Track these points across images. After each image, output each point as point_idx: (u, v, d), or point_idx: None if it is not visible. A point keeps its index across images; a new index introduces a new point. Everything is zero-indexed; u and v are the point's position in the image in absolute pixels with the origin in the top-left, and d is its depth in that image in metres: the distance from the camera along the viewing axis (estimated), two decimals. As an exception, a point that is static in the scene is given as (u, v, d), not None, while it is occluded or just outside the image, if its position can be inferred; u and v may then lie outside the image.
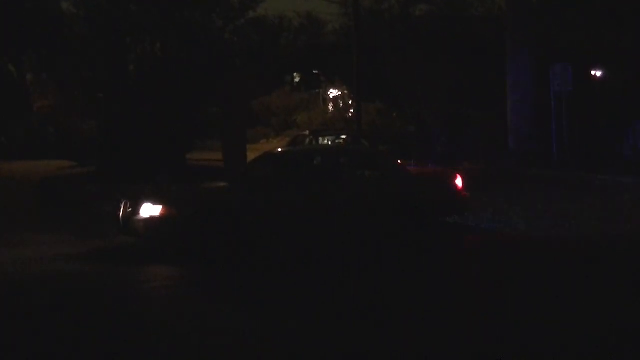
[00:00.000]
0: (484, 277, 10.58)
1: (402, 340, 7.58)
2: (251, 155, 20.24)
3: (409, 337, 7.65)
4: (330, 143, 26.89)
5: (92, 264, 12.40)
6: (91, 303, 9.75)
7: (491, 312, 8.53)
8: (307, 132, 29.59)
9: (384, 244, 12.96)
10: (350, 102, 39.86)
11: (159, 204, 12.68)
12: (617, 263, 11.26)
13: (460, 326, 7.98)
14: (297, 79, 41.51)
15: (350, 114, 39.26)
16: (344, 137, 27.83)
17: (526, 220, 15.05)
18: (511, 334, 7.67)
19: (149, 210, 12.67)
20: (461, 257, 12.33)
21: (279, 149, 17.97)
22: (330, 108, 43.57)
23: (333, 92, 43.46)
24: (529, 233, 13.93)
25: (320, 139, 27.40)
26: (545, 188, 20.46)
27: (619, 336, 7.52)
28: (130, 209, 12.97)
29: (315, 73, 40.80)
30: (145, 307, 9.50)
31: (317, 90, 42.76)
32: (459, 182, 14.33)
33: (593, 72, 31.01)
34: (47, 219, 17.51)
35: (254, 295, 9.83)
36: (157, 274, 11.71)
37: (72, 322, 8.77)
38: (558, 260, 11.63)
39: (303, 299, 9.51)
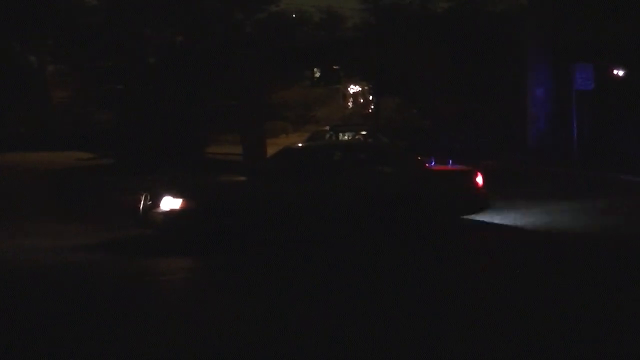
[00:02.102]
0: (504, 275, 10.47)
1: (414, 336, 7.53)
2: (271, 150, 20.24)
3: (420, 334, 7.60)
4: (349, 138, 26.84)
5: (109, 254, 12.45)
6: (106, 293, 9.75)
7: (510, 312, 8.45)
8: (326, 128, 29.55)
9: (402, 241, 12.90)
10: (370, 98, 39.84)
11: (179, 197, 12.66)
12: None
13: (467, 325, 7.91)
14: (317, 74, 41.47)
15: (370, 110, 39.23)
16: (363, 132, 27.78)
17: (548, 218, 14.95)
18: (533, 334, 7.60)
19: (169, 203, 12.66)
20: (480, 255, 12.23)
21: (299, 144, 17.93)
22: (350, 104, 43.54)
23: (353, 88, 43.43)
24: (551, 231, 13.83)
25: (340, 134, 27.37)
26: (567, 186, 20.34)
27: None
28: (150, 202, 12.98)
29: (335, 68, 40.76)
30: (160, 299, 9.49)
31: (336, 86, 42.74)
32: (479, 179, 14.24)
33: (615, 71, 30.81)
34: (65, 210, 17.54)
35: (271, 289, 9.78)
36: (175, 267, 11.71)
37: (86, 312, 8.77)
38: (578, 257, 11.52)
39: (319, 293, 9.47)
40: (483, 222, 14.59)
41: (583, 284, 9.65)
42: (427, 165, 14.48)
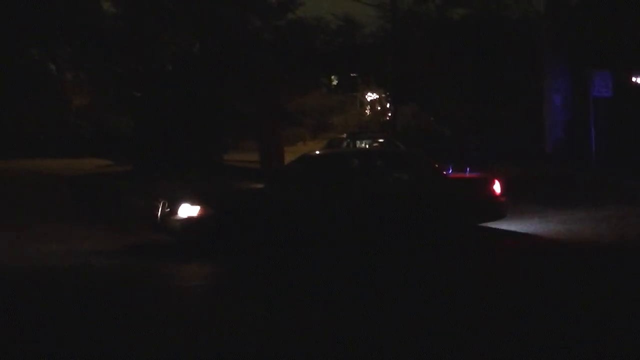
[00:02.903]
0: (523, 283, 10.43)
1: (429, 340, 7.53)
2: (288, 157, 20.26)
3: (437, 339, 7.59)
4: (367, 146, 26.86)
5: (126, 260, 12.52)
6: (119, 298, 9.80)
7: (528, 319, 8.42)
8: (344, 135, 29.59)
9: (419, 248, 12.89)
10: (388, 105, 39.83)
11: (197, 205, 12.72)
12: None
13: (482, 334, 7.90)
14: (334, 82, 41.49)
15: (387, 117, 39.20)
16: (381, 140, 27.79)
17: (567, 226, 14.90)
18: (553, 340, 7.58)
19: (187, 210, 12.72)
20: (496, 262, 12.19)
21: (317, 151, 17.98)
22: (367, 111, 43.58)
23: (370, 95, 43.46)
24: (572, 238, 13.78)
25: (358, 141, 27.40)
26: (585, 194, 20.26)
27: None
28: (168, 209, 13.03)
29: (353, 76, 40.77)
30: (175, 304, 9.50)
31: (354, 93, 42.77)
32: (497, 187, 14.24)
33: (634, 78, 30.69)
34: (83, 215, 17.64)
35: (289, 296, 9.79)
36: (192, 273, 11.75)
37: (99, 316, 8.83)
38: (599, 265, 11.47)
39: (335, 299, 9.47)
40: (500, 229, 14.56)
41: (598, 292, 9.62)
42: (444, 172, 14.49)
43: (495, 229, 14.54)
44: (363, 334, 7.88)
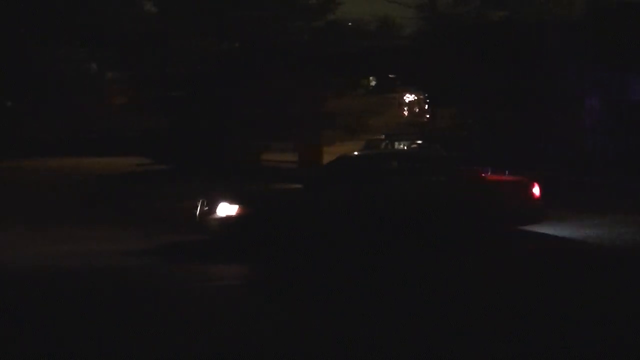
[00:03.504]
0: (560, 288, 10.36)
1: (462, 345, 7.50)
2: (326, 157, 20.27)
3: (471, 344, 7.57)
4: (405, 147, 26.83)
5: (164, 259, 12.57)
6: (151, 298, 9.87)
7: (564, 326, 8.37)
8: (382, 136, 29.57)
9: (456, 251, 12.83)
10: (426, 107, 39.74)
11: (236, 204, 12.77)
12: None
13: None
14: (372, 83, 41.42)
15: (425, 119, 39.12)
16: (419, 141, 27.75)
17: (604, 230, 14.76)
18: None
19: (225, 209, 12.78)
20: (535, 267, 12.11)
21: (355, 153, 17.98)
22: (405, 112, 43.50)
23: (408, 97, 43.40)
24: (612, 244, 13.65)
25: (396, 143, 27.38)
26: (622, 198, 20.06)
27: None
28: (206, 208, 13.11)
29: (391, 77, 40.69)
30: (204, 305, 9.51)
31: (392, 95, 42.68)
32: (535, 190, 14.14)
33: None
34: (121, 214, 17.76)
35: (324, 297, 9.80)
36: (229, 273, 11.78)
37: (128, 315, 8.91)
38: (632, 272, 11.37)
39: (370, 300, 9.46)
40: (539, 233, 14.46)
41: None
42: (483, 175, 14.42)
43: (534, 232, 14.44)
44: (407, 336, 7.88)
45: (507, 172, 14.79)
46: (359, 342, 7.71)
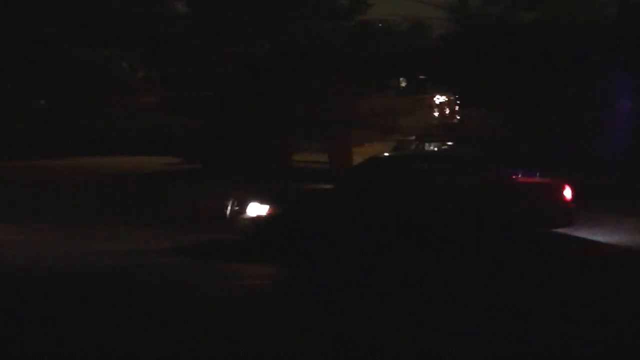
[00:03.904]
0: (585, 291, 10.29)
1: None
2: (357, 158, 20.24)
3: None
4: (435, 149, 26.76)
5: (194, 258, 12.66)
6: (179, 296, 9.92)
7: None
8: (412, 137, 29.51)
9: (486, 252, 12.80)
10: (456, 108, 39.59)
11: (266, 204, 12.81)
12: None
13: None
14: (402, 84, 41.34)
15: (456, 120, 38.97)
16: (450, 143, 27.66)
17: (636, 235, 14.67)
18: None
19: (256, 209, 12.82)
20: (563, 269, 12.03)
21: (385, 153, 17.99)
22: (435, 113, 43.33)
23: (439, 98, 43.25)
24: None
25: (426, 144, 27.31)
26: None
27: None
28: (237, 207, 13.16)
29: (421, 78, 40.59)
30: (230, 305, 9.54)
31: (422, 96, 42.57)
32: (567, 192, 14.07)
33: None
34: (151, 213, 17.86)
35: (350, 299, 9.80)
36: (259, 273, 11.80)
37: (155, 314, 8.96)
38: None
39: (398, 304, 9.46)
40: (570, 235, 14.39)
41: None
42: (513, 176, 14.37)
43: (565, 234, 14.37)
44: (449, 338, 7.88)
45: (537, 174, 14.72)
46: (391, 342, 7.72)
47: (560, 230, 14.35)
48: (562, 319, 8.64)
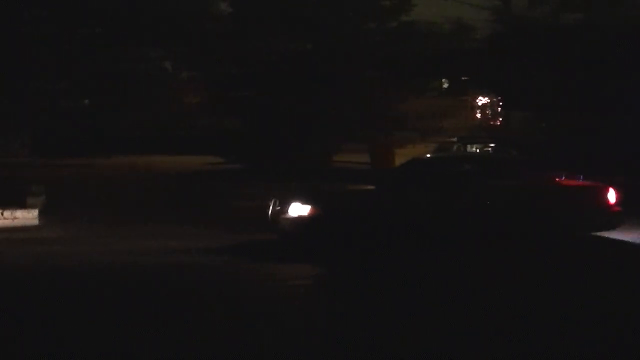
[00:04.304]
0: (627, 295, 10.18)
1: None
2: (398, 159, 20.21)
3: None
4: (477, 151, 26.64)
5: (235, 258, 12.72)
6: (218, 294, 9.97)
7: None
8: (454, 139, 29.42)
9: (528, 255, 12.72)
10: (499, 110, 39.40)
11: (308, 204, 12.83)
12: None
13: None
14: (445, 85, 41.22)
15: (498, 122, 38.79)
16: (492, 145, 27.51)
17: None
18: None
19: (297, 209, 12.85)
20: (607, 273, 11.92)
21: (427, 155, 17.94)
22: (478, 115, 43.18)
23: (481, 100, 43.07)
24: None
25: (468, 146, 27.20)
26: None
27: None
28: (278, 207, 13.20)
29: (464, 79, 40.44)
30: (271, 304, 9.56)
31: (464, 97, 42.40)
32: (611, 196, 13.93)
33: None
34: (194, 212, 17.97)
35: (390, 300, 9.80)
36: (299, 273, 11.78)
37: (198, 313, 8.99)
38: None
39: (437, 306, 9.42)
40: (614, 239, 14.24)
41: None
42: (556, 179, 14.27)
43: (609, 238, 14.23)
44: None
45: (581, 177, 14.60)
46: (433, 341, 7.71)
47: (604, 233, 14.22)
48: (605, 320, 8.58)
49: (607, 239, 14.19)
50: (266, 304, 9.55)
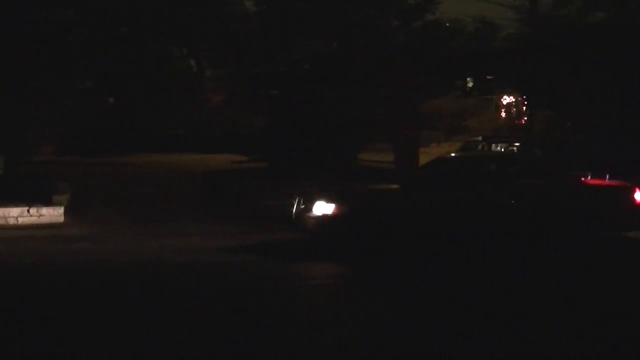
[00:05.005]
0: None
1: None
2: (423, 158, 20.17)
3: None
4: (502, 150, 26.56)
5: (259, 256, 12.74)
6: (245, 293, 10.00)
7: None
8: (479, 138, 29.37)
9: (552, 254, 12.67)
10: (524, 109, 39.25)
11: (332, 203, 12.83)
12: None
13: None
14: (469, 84, 41.17)
15: (523, 122, 38.64)
16: (517, 144, 27.43)
17: None
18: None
19: (322, 208, 12.85)
20: (631, 273, 11.85)
21: (452, 154, 17.90)
22: (503, 114, 43.08)
23: (506, 99, 42.96)
24: None
25: (493, 145, 27.13)
26: None
27: None
28: (303, 206, 13.21)
29: (489, 79, 40.36)
30: (297, 303, 9.58)
31: (489, 96, 42.30)
32: (637, 196, 13.85)
33: None
34: (219, 210, 18.03)
35: (414, 297, 9.79)
36: (324, 271, 11.82)
37: (221, 311, 9.01)
38: None
39: (460, 303, 9.42)
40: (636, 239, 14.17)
41: None
42: (582, 179, 14.20)
43: (634, 238, 14.15)
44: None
45: (607, 177, 14.52)
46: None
47: (631, 233, 14.14)
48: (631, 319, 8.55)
49: (633, 238, 14.12)
50: (290, 302, 9.56)
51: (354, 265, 12.09)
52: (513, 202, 13.29)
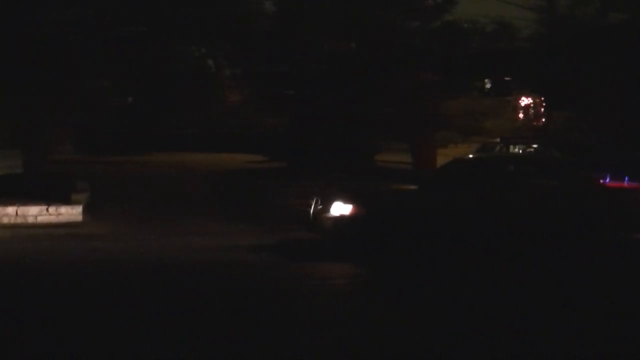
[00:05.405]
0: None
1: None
2: (440, 159, 20.13)
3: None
4: (520, 151, 26.50)
5: (275, 256, 12.79)
6: (258, 292, 10.02)
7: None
8: (497, 139, 29.31)
9: (570, 257, 12.63)
10: (542, 111, 39.11)
11: (350, 203, 12.84)
12: None
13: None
14: (487, 85, 41.08)
15: (541, 123, 38.48)
16: (535, 145, 27.35)
17: None
18: None
19: (339, 208, 12.86)
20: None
21: (470, 155, 17.88)
22: (520, 116, 42.88)
23: (524, 100, 42.80)
24: None
25: (511, 146, 27.07)
26: None
27: None
28: (320, 206, 13.23)
29: (506, 80, 40.24)
30: (309, 303, 9.56)
31: (507, 97, 42.18)
32: (656, 198, 13.80)
33: None
34: (235, 210, 18.05)
35: (431, 298, 9.78)
36: (341, 272, 11.82)
37: (234, 309, 9.03)
38: None
39: (475, 305, 9.40)
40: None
41: None
42: (601, 181, 14.16)
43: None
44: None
45: (626, 179, 14.46)
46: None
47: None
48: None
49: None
50: (307, 302, 9.57)
51: (369, 266, 12.09)
52: (531, 204, 13.25)
